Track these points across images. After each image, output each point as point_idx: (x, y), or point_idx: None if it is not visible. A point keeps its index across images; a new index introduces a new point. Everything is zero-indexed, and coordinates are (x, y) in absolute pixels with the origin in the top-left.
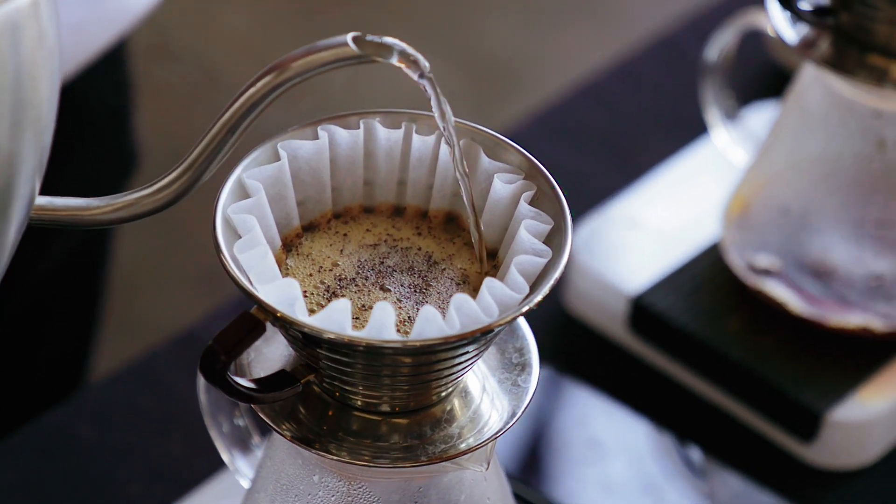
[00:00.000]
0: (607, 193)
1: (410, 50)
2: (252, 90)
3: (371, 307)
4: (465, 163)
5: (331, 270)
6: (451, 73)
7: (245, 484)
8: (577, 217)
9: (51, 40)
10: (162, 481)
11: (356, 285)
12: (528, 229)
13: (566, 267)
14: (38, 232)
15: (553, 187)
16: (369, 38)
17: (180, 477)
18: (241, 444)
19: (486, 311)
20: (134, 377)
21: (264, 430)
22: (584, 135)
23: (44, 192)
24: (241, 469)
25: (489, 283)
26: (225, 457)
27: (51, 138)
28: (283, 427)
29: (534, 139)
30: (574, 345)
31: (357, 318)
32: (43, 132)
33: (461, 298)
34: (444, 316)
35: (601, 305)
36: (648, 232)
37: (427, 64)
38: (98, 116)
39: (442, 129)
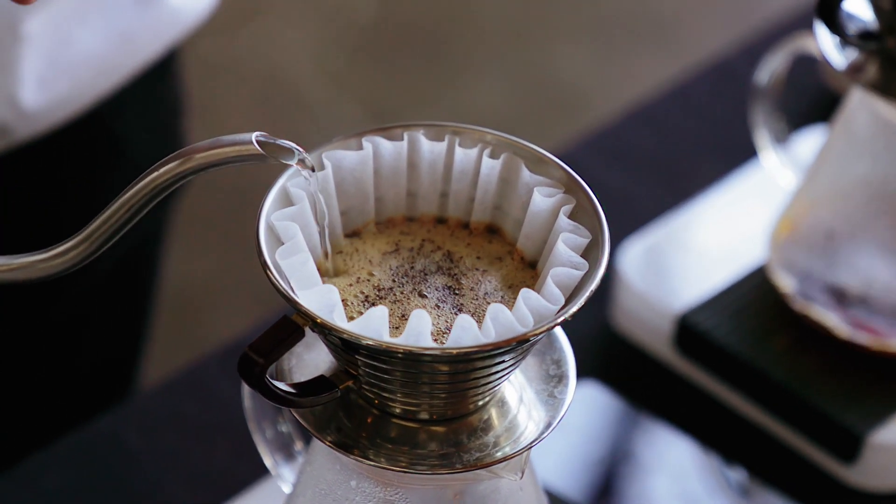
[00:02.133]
0: (656, 214)
1: (307, 157)
2: (154, 174)
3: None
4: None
5: (368, 280)
6: (519, 96)
7: (286, 489)
8: (625, 237)
9: None
10: (206, 487)
11: (394, 295)
12: (566, 242)
13: (614, 285)
14: None
15: (592, 201)
16: (273, 141)
17: (224, 483)
18: (284, 449)
19: (521, 320)
20: (182, 385)
21: (307, 437)
22: (635, 156)
23: (85, 200)
24: (283, 474)
25: (525, 293)
26: (268, 462)
27: None
28: (323, 433)
29: (585, 160)
30: (619, 362)
31: (397, 328)
32: None
33: (497, 308)
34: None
35: (647, 324)
36: (696, 253)
37: (317, 171)
38: (147, 126)
39: (318, 225)
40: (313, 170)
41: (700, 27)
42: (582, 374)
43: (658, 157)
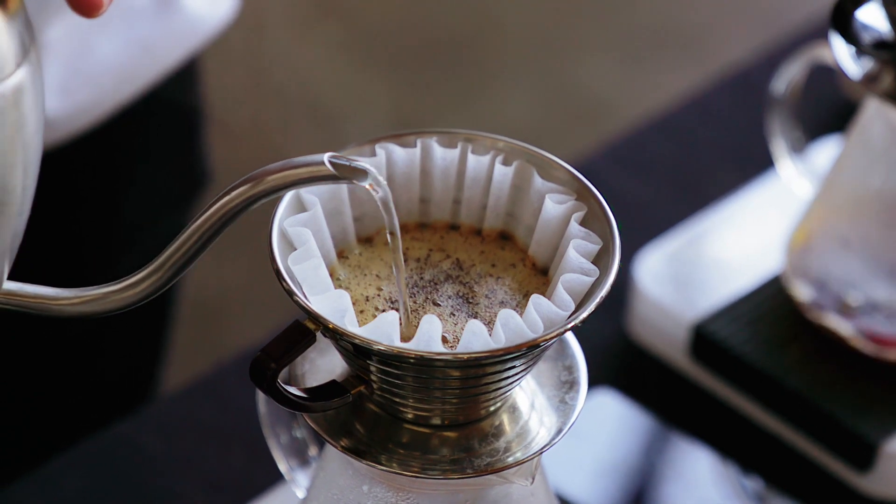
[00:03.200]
0: (673, 223)
1: (381, 178)
2: (226, 199)
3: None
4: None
5: (378, 296)
6: (545, 107)
7: (300, 494)
8: (642, 245)
9: (31, 128)
10: (222, 492)
11: (410, 300)
12: (577, 249)
13: (630, 293)
14: (111, 245)
15: (603, 208)
16: (345, 161)
17: (240, 488)
18: (299, 455)
19: (531, 326)
20: (200, 392)
21: (321, 442)
22: (654, 166)
23: (105, 208)
24: (297, 480)
25: (535, 299)
26: (282, 467)
27: (24, 225)
28: (336, 438)
29: (604, 169)
30: (635, 370)
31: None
32: (14, 218)
33: (507, 314)
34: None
35: (663, 332)
36: (712, 262)
37: (388, 191)
38: (168, 134)
39: (390, 245)
40: (383, 190)
41: (728, 38)
42: (598, 381)
43: (677, 166)
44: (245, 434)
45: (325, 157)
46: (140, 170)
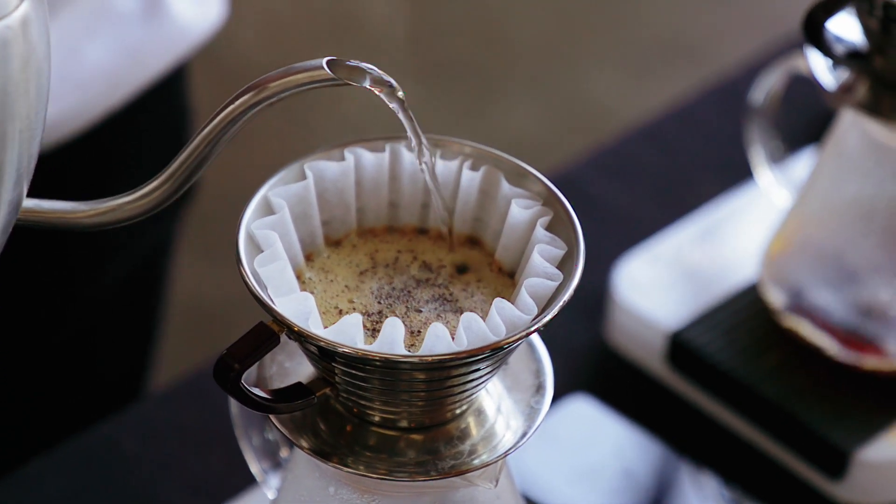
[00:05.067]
0: (654, 231)
1: (383, 75)
2: (231, 107)
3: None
4: (436, 175)
5: (355, 289)
6: (552, 119)
7: (271, 496)
8: (621, 253)
9: (39, 57)
10: (200, 495)
11: (378, 303)
12: (542, 253)
13: (608, 301)
14: (98, 250)
15: (569, 213)
16: (343, 62)
17: (218, 491)
18: (271, 457)
19: (493, 330)
20: (181, 394)
21: (292, 445)
22: (637, 174)
23: None
24: (269, 481)
25: (498, 303)
26: (254, 468)
27: (38, 146)
28: (302, 440)
29: (588, 176)
30: (613, 377)
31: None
32: (29, 142)
33: (470, 317)
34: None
35: (640, 340)
36: (690, 270)
37: (398, 88)
38: (155, 142)
39: (415, 148)
40: (391, 86)
41: (737, 50)
42: (575, 388)
43: (659, 174)
44: (226, 436)
45: (324, 61)
46: (129, 175)
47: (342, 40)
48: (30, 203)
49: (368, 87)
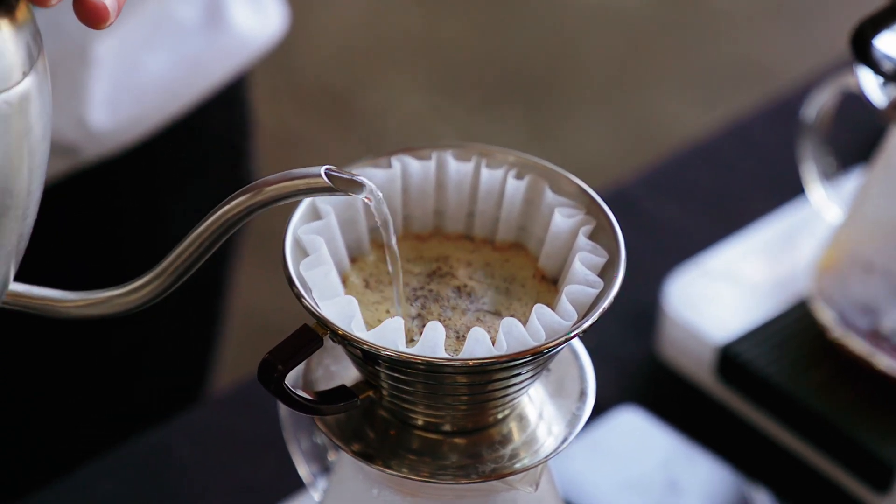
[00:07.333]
0: (705, 247)
1: (374, 188)
2: (225, 208)
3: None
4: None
5: (400, 294)
6: (621, 143)
7: (317, 498)
8: (673, 268)
9: (37, 134)
10: (251, 499)
11: (424, 307)
12: (583, 261)
13: (659, 314)
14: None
15: (611, 222)
16: (342, 175)
17: (268, 495)
18: (319, 461)
19: (533, 335)
20: (233, 400)
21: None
22: (691, 190)
23: (149, 223)
24: (317, 484)
25: (539, 309)
26: (302, 472)
27: (30, 228)
28: (347, 443)
29: (642, 193)
30: (663, 390)
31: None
32: (20, 221)
33: (510, 322)
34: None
35: (690, 353)
36: (741, 285)
37: (385, 204)
38: (215, 152)
39: (388, 257)
40: (380, 199)
41: (808, 73)
42: (625, 399)
43: (712, 190)
44: (277, 443)
45: (322, 169)
46: (188, 185)
47: (415, 60)
48: (18, 287)
49: (364, 199)
